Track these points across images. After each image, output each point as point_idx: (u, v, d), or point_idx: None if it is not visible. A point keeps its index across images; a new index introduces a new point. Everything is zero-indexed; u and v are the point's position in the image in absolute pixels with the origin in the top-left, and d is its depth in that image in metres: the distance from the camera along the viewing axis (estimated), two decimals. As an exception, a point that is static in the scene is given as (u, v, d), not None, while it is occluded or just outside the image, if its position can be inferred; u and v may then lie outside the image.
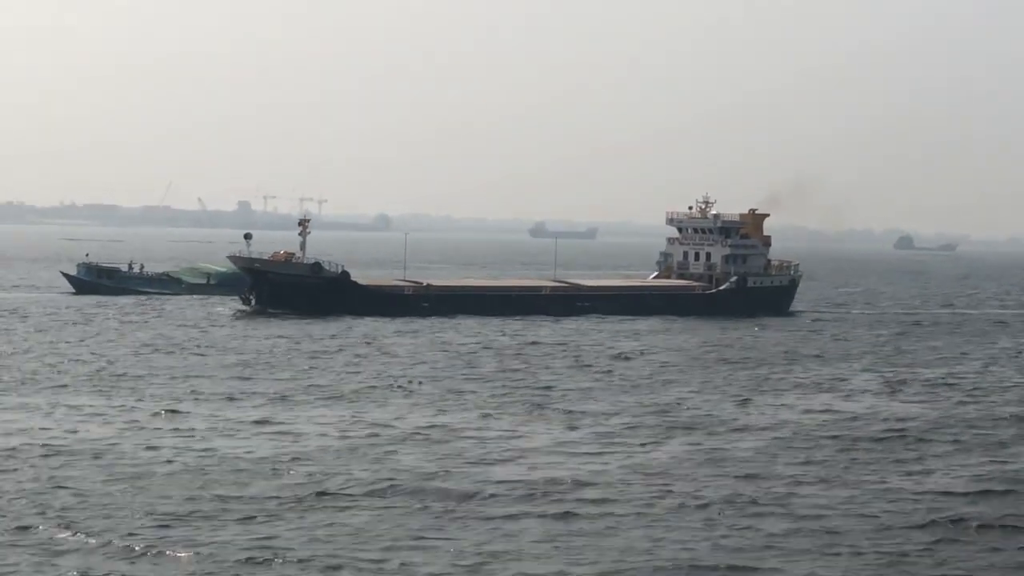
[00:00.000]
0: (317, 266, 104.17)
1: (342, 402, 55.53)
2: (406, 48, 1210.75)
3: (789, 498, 38.70)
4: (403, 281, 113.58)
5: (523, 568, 31.18)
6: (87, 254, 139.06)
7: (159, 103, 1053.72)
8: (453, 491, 38.31)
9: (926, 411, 57.01)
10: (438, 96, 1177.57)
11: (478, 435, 48.04)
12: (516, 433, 48.70)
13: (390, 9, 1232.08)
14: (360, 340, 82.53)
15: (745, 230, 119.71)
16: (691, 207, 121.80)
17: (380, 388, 60.13)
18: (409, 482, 39.30)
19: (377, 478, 39.79)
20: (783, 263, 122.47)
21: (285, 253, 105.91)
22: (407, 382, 62.77)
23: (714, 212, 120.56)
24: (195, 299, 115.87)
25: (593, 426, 50.77)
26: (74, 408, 52.04)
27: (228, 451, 43.64)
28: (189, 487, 38.19)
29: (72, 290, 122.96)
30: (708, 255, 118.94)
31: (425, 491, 38.26)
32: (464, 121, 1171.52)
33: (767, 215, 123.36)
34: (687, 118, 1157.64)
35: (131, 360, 68.91)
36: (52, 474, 39.59)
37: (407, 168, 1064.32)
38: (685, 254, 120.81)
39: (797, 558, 32.67)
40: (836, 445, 47.95)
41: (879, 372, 71.60)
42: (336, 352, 75.19)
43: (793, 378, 68.13)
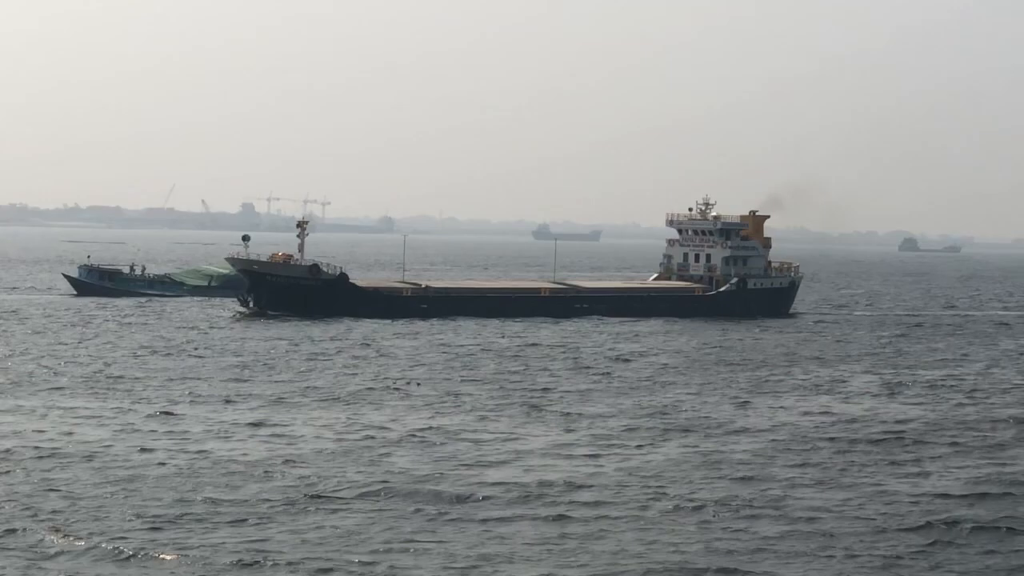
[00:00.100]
0: (315, 268, 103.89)
1: (339, 404, 55.36)
2: (409, 50, 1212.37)
3: (785, 500, 38.52)
4: (401, 283, 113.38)
5: (514, 571, 31.00)
6: (88, 256, 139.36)
7: (163, 105, 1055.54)
8: (447, 494, 38.15)
9: (925, 413, 56.80)
10: (442, 98, 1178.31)
11: (474, 437, 47.87)
12: (513, 435, 48.51)
13: (394, 10, 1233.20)
14: (358, 342, 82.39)
15: (745, 232, 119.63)
16: (691, 209, 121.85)
17: (377, 390, 59.99)
18: (403, 484, 39.14)
19: (371, 480, 39.64)
20: (783, 265, 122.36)
21: (283, 255, 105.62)
22: (405, 383, 62.66)
23: (714, 214, 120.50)
24: (196, 301, 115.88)
25: (590, 428, 50.59)
26: (69, 410, 51.91)
27: (222, 453, 43.50)
28: (181, 490, 38.03)
29: (74, 292, 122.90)
30: (708, 257, 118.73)
31: (419, 494, 38.10)
32: (468, 123, 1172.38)
33: (767, 217, 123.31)
34: (689, 119, 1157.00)
35: (128, 362, 68.82)
36: (44, 476, 39.47)
37: (411, 170, 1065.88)
38: (685, 256, 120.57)
39: (791, 560, 32.49)
40: (833, 447, 47.76)
41: (879, 374, 71.40)
42: (334, 354, 75.02)
43: (792, 380, 67.92)
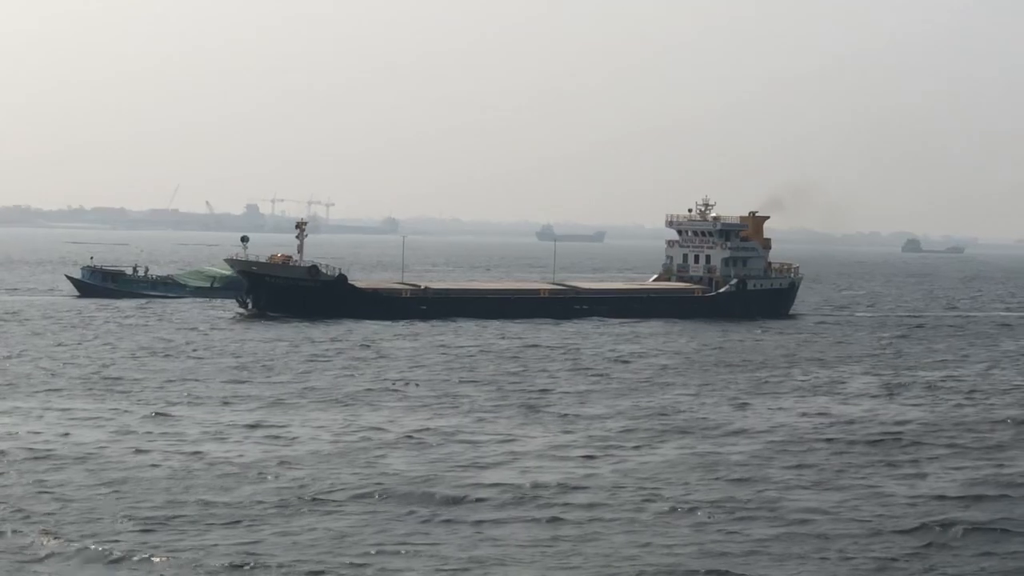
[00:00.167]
0: (314, 269, 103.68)
1: (336, 405, 55.25)
2: (411, 50, 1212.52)
3: (780, 502, 38.36)
4: (400, 284, 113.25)
5: (506, 574, 30.88)
6: (91, 257, 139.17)
7: (167, 106, 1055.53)
8: (441, 495, 38.01)
9: (924, 414, 56.60)
10: (445, 99, 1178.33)
11: (471, 439, 47.75)
12: (509, 437, 48.38)
13: (394, 10, 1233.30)
14: (357, 343, 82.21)
15: (745, 233, 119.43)
16: (691, 210, 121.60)
17: (375, 391, 59.89)
18: (397, 486, 39.01)
19: (365, 482, 39.52)
20: (783, 266, 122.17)
21: (282, 256, 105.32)
22: (403, 384, 62.56)
23: (714, 215, 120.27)
24: (197, 302, 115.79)
25: (588, 430, 50.43)
26: (65, 411, 51.83)
27: (218, 455, 43.39)
28: (174, 491, 37.95)
29: (76, 293, 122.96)
30: (708, 258, 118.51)
31: (413, 495, 37.96)
32: (471, 124, 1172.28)
33: (767, 218, 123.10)
34: (691, 119, 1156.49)
35: (127, 363, 68.76)
36: (38, 478, 39.38)
37: (415, 171, 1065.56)
38: (685, 257, 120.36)
39: (784, 562, 32.36)
40: (830, 449, 47.59)
41: (878, 375, 71.19)
42: (333, 355, 74.90)
43: (791, 381, 67.74)
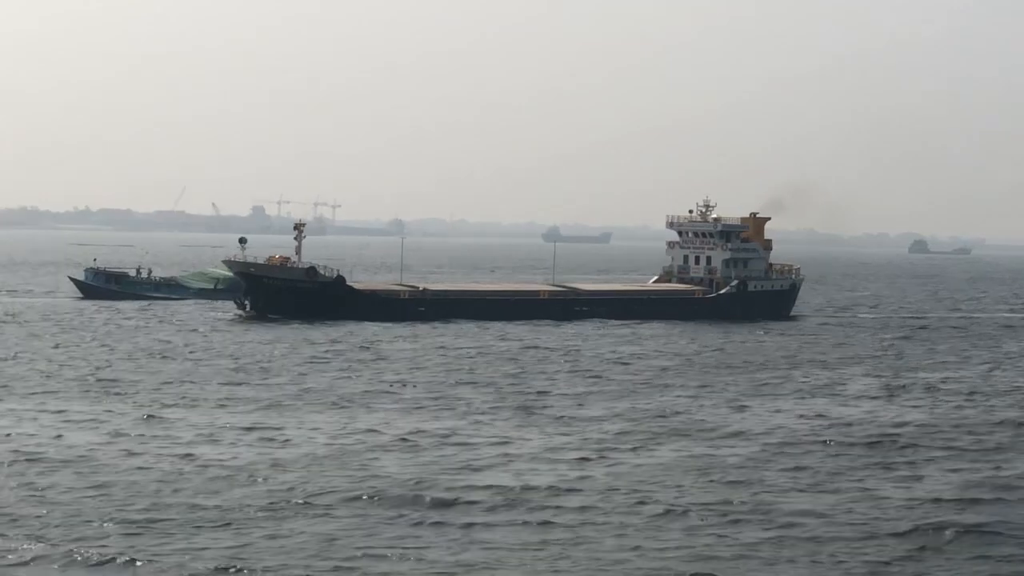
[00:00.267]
0: (312, 270, 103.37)
1: (333, 408, 55.05)
2: (414, 51, 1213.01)
3: (774, 505, 38.12)
4: (399, 285, 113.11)
5: (495, 578, 30.79)
6: (95, 259, 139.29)
7: (174, 108, 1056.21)
8: (433, 498, 37.82)
9: (923, 416, 56.35)
10: (449, 100, 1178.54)
11: (466, 441, 47.54)
12: (505, 439, 48.16)
13: (396, 11, 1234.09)
14: (355, 345, 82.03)
15: (746, 234, 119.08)
16: (691, 211, 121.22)
17: (372, 393, 59.69)
18: (389, 489, 38.79)
19: (357, 485, 39.32)
20: (784, 267, 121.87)
21: (280, 257, 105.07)
22: (401, 386, 62.40)
23: (714, 216, 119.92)
24: (198, 304, 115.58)
25: (584, 432, 50.19)
26: (60, 413, 51.70)
27: (210, 458, 43.21)
28: (164, 494, 37.77)
29: (80, 295, 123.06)
30: (708, 259, 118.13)
31: (404, 498, 37.75)
32: (478, 125, 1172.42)
33: (768, 219, 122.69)
34: (694, 119, 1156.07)
35: (124, 365, 68.61)
36: (27, 480, 39.24)
37: (421, 173, 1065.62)
38: (685, 258, 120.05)
39: (774, 566, 32.18)
40: (827, 451, 47.36)
41: (879, 376, 70.90)
42: (331, 357, 74.70)
43: (791, 383, 67.46)
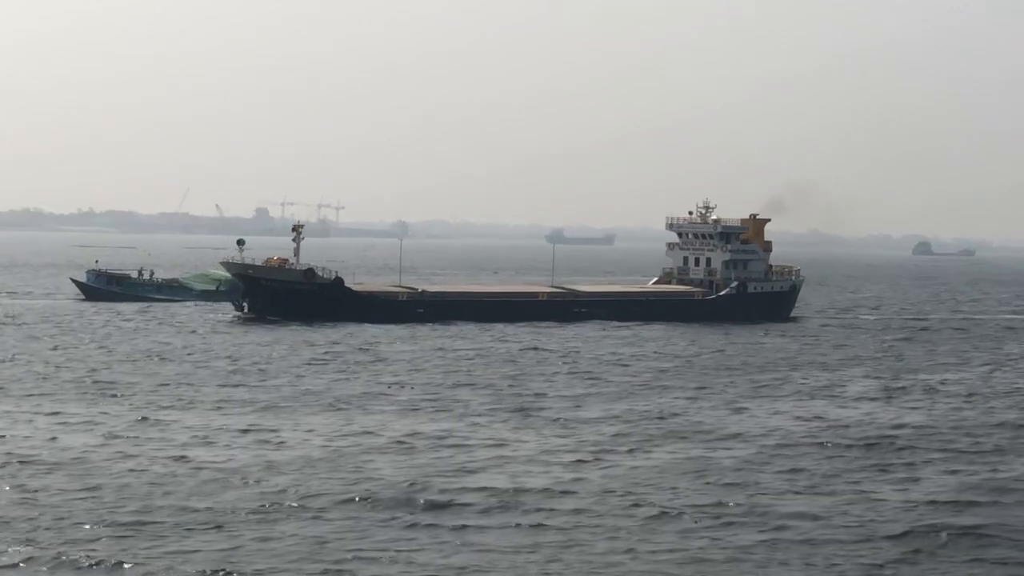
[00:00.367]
0: (310, 272, 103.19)
1: (329, 410, 54.90)
2: (419, 53, 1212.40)
3: (769, 508, 37.94)
4: (398, 287, 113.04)
5: (486, 581, 30.64)
6: (96, 261, 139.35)
7: (178, 110, 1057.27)
8: (426, 501, 37.67)
9: (921, 418, 56.18)
10: (456, 102, 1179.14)
11: (462, 443, 47.38)
12: (501, 441, 47.99)
13: (404, 13, 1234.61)
14: (354, 347, 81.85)
15: (746, 236, 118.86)
16: (691, 212, 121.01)
17: (369, 395, 59.55)
18: (383, 492, 38.63)
19: (351, 488, 39.13)
20: (784, 268, 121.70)
21: (278, 259, 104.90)
22: (399, 388, 62.28)
23: (714, 217, 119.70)
24: (198, 305, 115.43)
25: (581, 434, 50.02)
26: (55, 416, 51.56)
27: (205, 460, 43.05)
28: (156, 497, 37.61)
29: (82, 296, 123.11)
30: (708, 260, 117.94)
31: (398, 501, 37.60)
32: (481, 126, 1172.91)
33: (768, 220, 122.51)
34: (697, 119, 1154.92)
35: (122, 367, 68.47)
36: (19, 483, 39.08)
37: (425, 175, 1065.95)
38: (685, 259, 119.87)
39: (766, 569, 32.05)
40: (824, 453, 47.19)
41: (878, 378, 70.68)
42: (330, 359, 74.53)
43: (789, 385, 67.25)
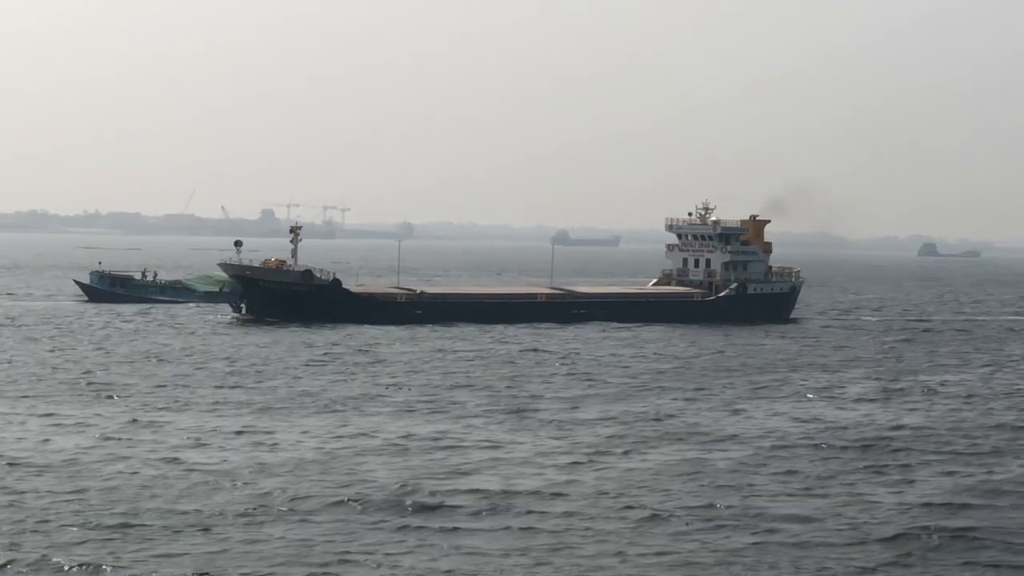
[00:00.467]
0: (308, 273, 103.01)
1: (325, 412, 54.77)
2: (421, 53, 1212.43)
3: (763, 510, 37.79)
4: (396, 288, 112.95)
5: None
6: (100, 262, 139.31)
7: (183, 111, 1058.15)
8: (417, 503, 37.51)
9: (920, 419, 56.01)
10: (459, 103, 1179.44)
11: (457, 445, 47.23)
12: (496, 443, 47.83)
13: (414, 16, 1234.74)
14: (352, 348, 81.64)
15: (746, 237, 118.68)
16: (691, 213, 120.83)
17: (366, 397, 59.39)
18: (375, 494, 38.48)
19: (344, 490, 38.97)
20: (784, 269, 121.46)
21: (276, 260, 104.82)
22: (397, 389, 62.15)
23: (714, 218, 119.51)
24: (198, 307, 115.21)
25: (576, 436, 49.86)
26: (49, 417, 51.46)
27: (197, 462, 42.89)
28: (145, 499, 37.46)
29: (85, 298, 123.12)
30: (708, 262, 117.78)
31: (389, 503, 37.45)
32: (487, 127, 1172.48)
33: (768, 221, 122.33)
34: (699, 120, 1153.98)
35: (119, 368, 68.32)
36: (7, 485, 38.89)
37: (431, 176, 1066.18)
38: (685, 261, 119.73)
39: (756, 572, 31.91)
40: (820, 455, 47.04)
41: (878, 380, 70.41)
42: (328, 361, 74.36)
43: (788, 386, 67.06)
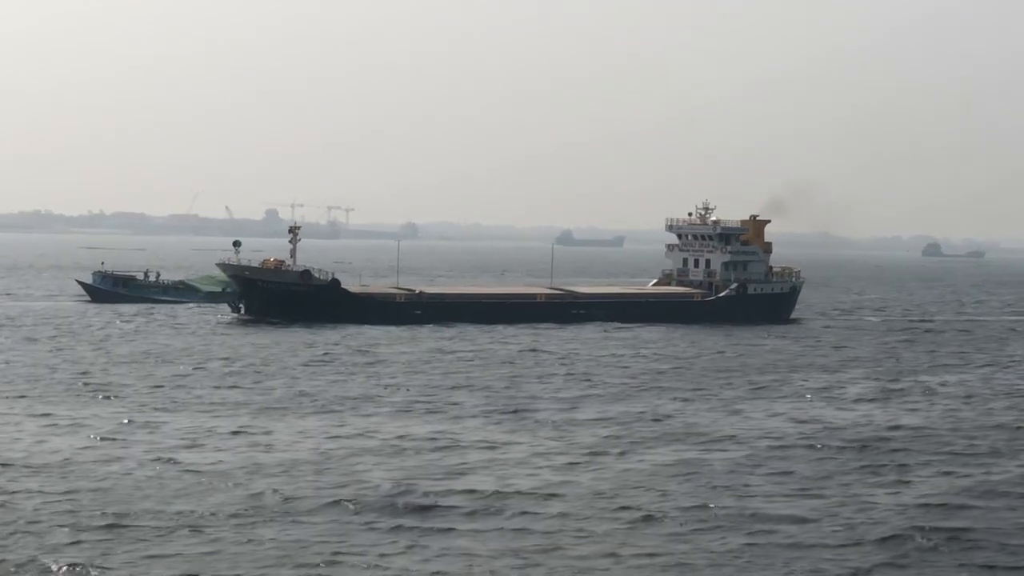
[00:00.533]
0: (306, 274, 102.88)
1: (323, 412, 54.70)
2: (422, 54, 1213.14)
3: (758, 511, 37.73)
4: (395, 288, 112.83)
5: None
6: (103, 262, 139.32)
7: (186, 111, 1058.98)
8: (412, 504, 37.43)
9: (919, 420, 55.95)
10: (463, 103, 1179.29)
11: (454, 446, 47.14)
12: (493, 444, 47.73)
13: (417, 16, 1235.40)
14: (351, 349, 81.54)
15: (746, 237, 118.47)
16: (691, 213, 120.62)
17: (364, 398, 59.29)
18: (368, 495, 38.40)
19: (339, 491, 38.87)
20: (784, 270, 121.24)
21: (274, 261, 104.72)
22: (395, 390, 62.07)
23: (714, 219, 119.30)
24: (198, 307, 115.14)
25: (574, 436, 49.79)
26: (46, 417, 51.40)
27: (192, 462, 42.79)
28: (140, 500, 37.39)
29: (87, 298, 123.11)
30: (708, 262, 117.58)
31: (382, 504, 37.37)
32: (490, 128, 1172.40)
33: (768, 221, 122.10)
34: (700, 121, 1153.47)
35: (118, 369, 68.19)
36: (2, 486, 38.79)
37: (435, 176, 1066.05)
38: (685, 261, 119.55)
39: (748, 573, 31.81)
40: (818, 455, 46.95)
41: (877, 380, 70.31)
42: (328, 361, 74.26)
43: (787, 386, 66.96)
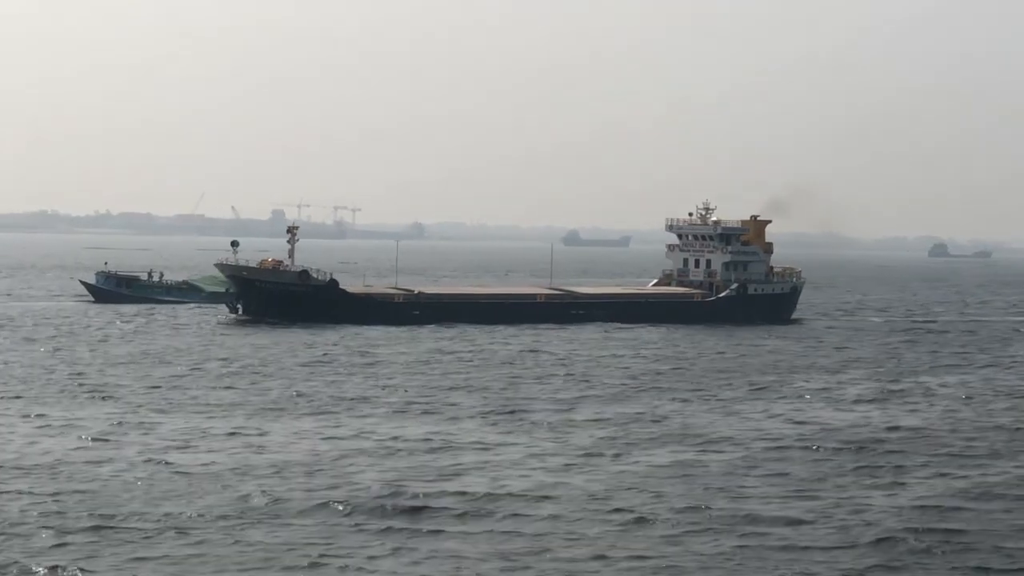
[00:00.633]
0: (305, 274, 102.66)
1: (320, 413, 54.55)
2: (432, 57, 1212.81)
3: (752, 513, 37.52)
4: (394, 289, 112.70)
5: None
6: (106, 263, 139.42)
7: (196, 113, 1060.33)
8: (403, 506, 37.23)
9: (918, 421, 55.75)
10: (469, 104, 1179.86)
11: (449, 447, 46.98)
12: (488, 445, 47.56)
13: (421, 17, 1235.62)
14: (349, 349, 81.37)
15: (746, 237, 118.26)
16: (691, 213, 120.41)
17: (361, 399, 59.13)
18: (359, 496, 38.20)
19: (328, 492, 38.70)
20: (785, 270, 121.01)
21: (273, 261, 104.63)
22: (393, 390, 61.95)
23: (714, 219, 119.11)
24: (199, 307, 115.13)
25: (570, 437, 49.63)
26: (40, 418, 51.28)
27: (184, 464, 42.62)
28: (127, 501, 37.24)
29: (91, 299, 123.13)
30: (708, 262, 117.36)
31: (373, 506, 37.17)
32: (494, 128, 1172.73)
33: (769, 221, 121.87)
34: (701, 121, 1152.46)
35: (115, 370, 68.05)
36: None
37: (440, 176, 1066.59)
38: (685, 261, 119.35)
39: (742, 575, 31.66)
40: (814, 457, 46.77)
41: (877, 381, 70.06)
42: (326, 362, 74.14)
43: (786, 387, 66.73)
